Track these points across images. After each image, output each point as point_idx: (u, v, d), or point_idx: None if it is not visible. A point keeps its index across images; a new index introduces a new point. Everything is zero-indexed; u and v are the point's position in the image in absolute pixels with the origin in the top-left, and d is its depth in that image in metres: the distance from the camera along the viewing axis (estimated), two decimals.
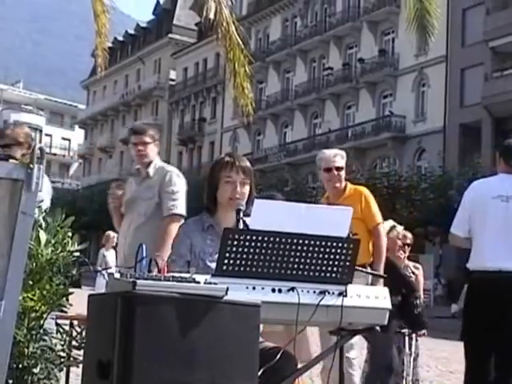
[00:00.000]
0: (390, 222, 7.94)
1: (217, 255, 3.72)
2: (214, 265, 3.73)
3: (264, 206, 3.61)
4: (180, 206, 5.94)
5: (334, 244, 3.53)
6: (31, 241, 3.22)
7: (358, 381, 6.87)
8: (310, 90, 51.62)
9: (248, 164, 4.14)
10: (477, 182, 5.81)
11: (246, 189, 4.06)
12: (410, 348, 8.21)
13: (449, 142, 40.75)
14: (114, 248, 14.35)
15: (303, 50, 52.88)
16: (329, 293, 3.54)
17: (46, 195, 5.16)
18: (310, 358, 4.55)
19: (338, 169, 6.44)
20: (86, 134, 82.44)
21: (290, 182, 46.58)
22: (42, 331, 3.49)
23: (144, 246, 3.21)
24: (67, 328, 4.64)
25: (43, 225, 3.51)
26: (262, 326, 3.47)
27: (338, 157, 6.50)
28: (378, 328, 3.77)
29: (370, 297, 3.66)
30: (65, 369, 3.66)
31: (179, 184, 6.03)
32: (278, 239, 3.44)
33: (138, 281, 2.94)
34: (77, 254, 3.84)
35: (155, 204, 5.97)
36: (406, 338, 8.21)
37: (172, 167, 6.28)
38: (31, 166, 2.75)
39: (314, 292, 3.53)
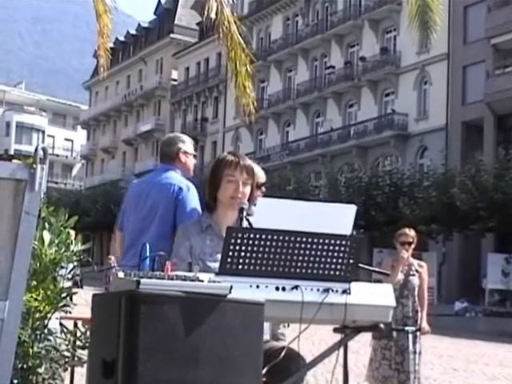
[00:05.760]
0: None
1: (217, 255, 3.71)
2: (213, 264, 3.72)
3: (267, 205, 3.61)
4: None
5: (338, 242, 3.52)
6: (35, 241, 3.22)
7: None
8: (311, 88, 51.57)
9: (251, 163, 4.13)
10: None
11: (248, 189, 4.05)
12: (413, 346, 8.22)
13: (451, 140, 40.71)
14: None
15: (305, 49, 52.83)
16: (332, 290, 3.53)
17: None
18: None
19: None
20: (88, 135, 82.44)
21: (293, 181, 46.51)
22: (46, 331, 3.49)
23: (147, 245, 3.20)
24: (71, 328, 4.64)
25: (46, 225, 3.51)
26: None
27: None
28: (381, 325, 3.76)
29: (373, 294, 3.66)
30: (69, 368, 3.66)
31: None
32: (281, 237, 3.43)
33: (141, 280, 2.94)
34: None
35: None
36: (410, 336, 8.22)
37: None
38: (34, 166, 2.74)
39: (318, 290, 3.52)
